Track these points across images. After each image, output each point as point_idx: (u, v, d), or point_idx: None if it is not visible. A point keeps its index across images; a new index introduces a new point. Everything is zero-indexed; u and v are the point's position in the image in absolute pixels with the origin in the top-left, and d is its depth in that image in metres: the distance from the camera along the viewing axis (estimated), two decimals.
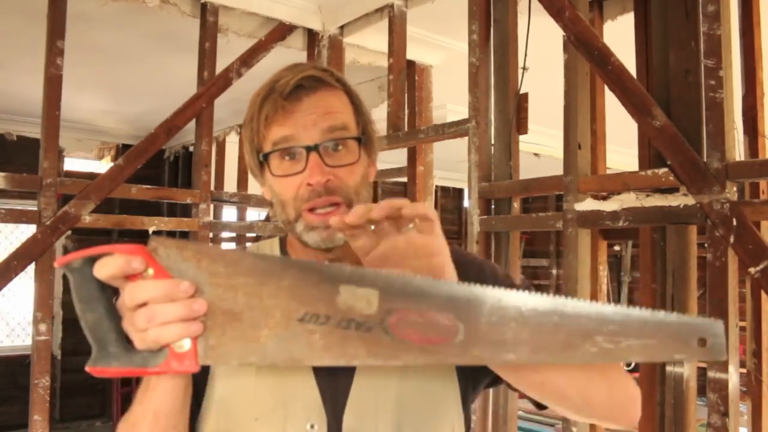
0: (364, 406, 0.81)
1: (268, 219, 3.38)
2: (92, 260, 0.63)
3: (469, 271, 0.81)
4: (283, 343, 0.63)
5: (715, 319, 0.59)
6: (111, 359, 0.64)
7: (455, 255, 0.74)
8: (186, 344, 0.63)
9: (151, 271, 0.63)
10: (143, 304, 0.63)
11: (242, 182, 4.25)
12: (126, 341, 0.65)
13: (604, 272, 2.20)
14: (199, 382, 0.82)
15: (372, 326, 0.62)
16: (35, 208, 2.34)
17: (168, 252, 0.63)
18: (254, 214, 4.39)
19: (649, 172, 1.74)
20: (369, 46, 3.13)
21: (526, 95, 2.17)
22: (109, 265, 0.62)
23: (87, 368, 0.66)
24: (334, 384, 0.82)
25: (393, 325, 0.62)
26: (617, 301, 8.30)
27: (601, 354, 0.59)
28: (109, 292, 0.65)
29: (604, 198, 1.85)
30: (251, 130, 0.85)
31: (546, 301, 0.61)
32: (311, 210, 0.82)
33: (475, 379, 0.88)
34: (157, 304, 0.62)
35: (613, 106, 1.97)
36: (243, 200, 3.29)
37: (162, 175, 6.18)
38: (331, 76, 0.86)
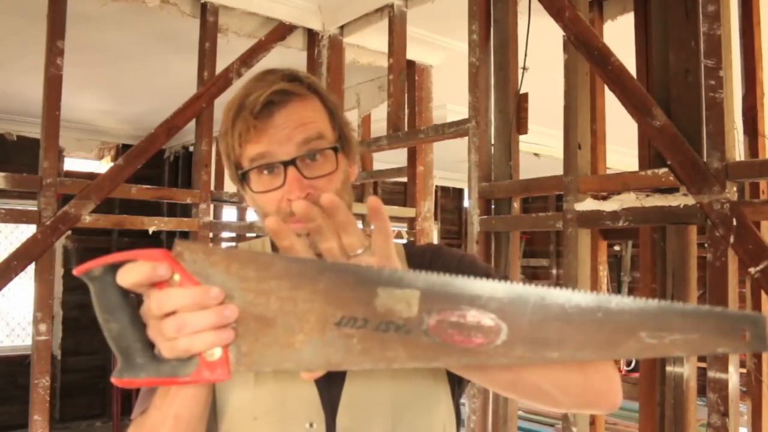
0: (357, 406, 0.81)
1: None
2: (114, 267, 0.61)
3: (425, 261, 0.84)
4: (319, 348, 0.61)
5: (757, 312, 0.59)
6: (138, 370, 0.62)
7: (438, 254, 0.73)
8: (217, 352, 0.61)
9: (177, 277, 0.61)
10: (171, 313, 0.60)
11: None
12: (153, 351, 0.63)
13: (604, 272, 2.20)
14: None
15: (412, 329, 0.60)
16: (35, 208, 2.34)
17: (194, 257, 0.61)
18: (254, 214, 4.38)
19: (649, 172, 1.74)
20: (369, 46, 3.13)
21: (526, 95, 2.17)
22: (134, 272, 0.60)
23: (113, 380, 0.63)
24: (330, 384, 0.82)
25: (434, 327, 0.60)
26: None
27: (645, 349, 0.59)
28: (132, 299, 0.63)
29: (604, 198, 1.85)
30: (227, 146, 0.84)
31: (589, 298, 0.60)
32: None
33: (460, 377, 0.88)
34: (187, 312, 0.60)
35: (613, 106, 1.97)
36: (243, 200, 3.28)
37: (162, 175, 6.18)
38: (301, 85, 0.84)
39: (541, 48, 2.22)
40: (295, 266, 0.62)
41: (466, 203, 7.10)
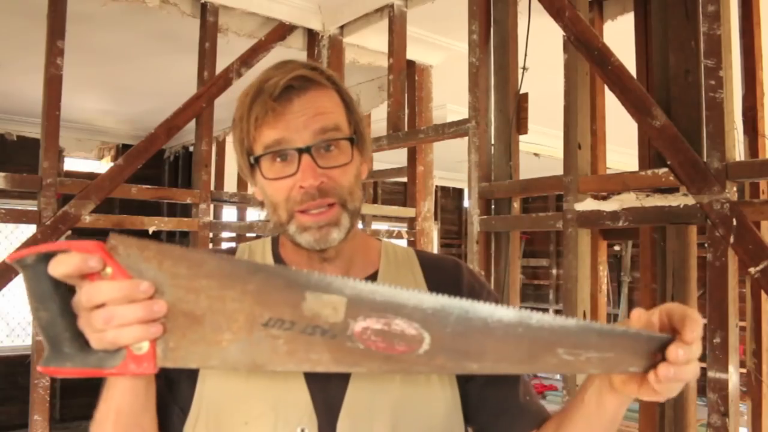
0: (359, 410, 0.80)
1: (268, 219, 3.38)
2: (47, 257, 0.61)
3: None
4: (246, 347, 0.62)
5: (668, 335, 0.62)
6: (65, 359, 0.62)
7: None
8: (144, 346, 0.61)
9: (109, 270, 0.61)
10: (101, 305, 0.61)
11: (242, 182, 4.25)
12: (82, 341, 0.63)
13: (604, 272, 2.20)
14: (180, 381, 0.81)
15: (337, 333, 0.62)
16: (35, 208, 2.35)
17: (128, 251, 0.61)
18: (254, 214, 4.39)
19: (649, 172, 1.74)
20: (369, 46, 3.13)
21: (526, 95, 2.17)
22: (65, 263, 0.60)
23: (39, 368, 0.64)
24: (327, 388, 0.80)
25: (358, 334, 0.62)
26: (617, 301, 8.31)
27: (561, 365, 0.61)
28: (64, 290, 0.63)
29: (604, 198, 1.85)
30: (241, 131, 0.82)
31: (512, 314, 0.62)
32: (303, 211, 0.80)
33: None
34: (116, 305, 0.60)
35: (613, 106, 1.97)
36: (243, 200, 3.29)
37: (162, 175, 6.18)
38: (322, 75, 0.84)
39: (541, 48, 2.22)
40: (226, 266, 0.63)
41: (466, 203, 7.11)
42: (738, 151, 1.73)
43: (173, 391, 0.81)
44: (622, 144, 3.01)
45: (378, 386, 0.81)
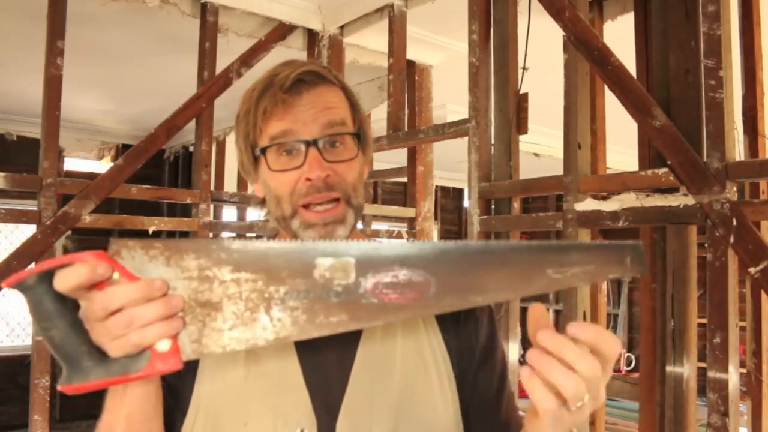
0: (359, 411, 0.79)
1: (268, 219, 3.38)
2: (48, 275, 0.60)
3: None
4: (267, 323, 0.64)
5: (637, 241, 0.67)
6: (87, 374, 0.62)
7: None
8: (167, 343, 0.62)
9: (116, 275, 0.61)
10: (117, 310, 0.60)
11: (242, 182, 4.25)
12: (98, 352, 0.62)
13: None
14: (183, 388, 0.81)
15: (351, 293, 0.65)
16: (35, 208, 2.35)
17: (132, 253, 0.62)
18: (254, 214, 4.39)
19: (649, 172, 1.74)
20: (369, 46, 3.13)
21: (526, 95, 2.17)
22: (73, 276, 0.59)
23: (60, 387, 0.62)
24: (327, 388, 0.80)
25: (371, 290, 0.65)
26: (617, 301, 8.31)
27: (552, 283, 0.67)
28: (70, 304, 0.62)
29: (604, 198, 1.85)
30: (247, 124, 0.82)
31: (501, 244, 0.68)
32: (307, 206, 0.81)
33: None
34: (134, 306, 0.60)
35: (613, 106, 1.97)
36: (243, 200, 3.29)
37: (162, 175, 6.18)
38: (330, 73, 0.85)
39: (541, 48, 2.22)
40: (234, 251, 0.64)
41: (466, 203, 7.11)
42: (738, 151, 1.73)
43: (175, 396, 0.81)
44: (622, 144, 3.01)
45: (377, 386, 0.81)
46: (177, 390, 0.81)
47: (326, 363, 0.81)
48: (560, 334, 0.62)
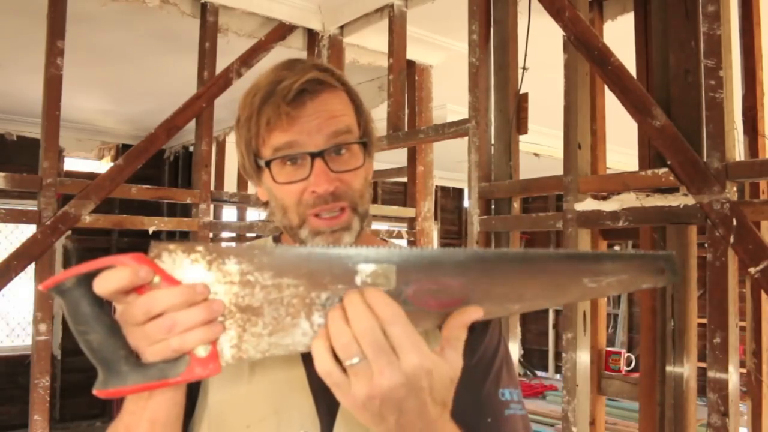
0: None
1: (268, 219, 3.38)
2: (87, 277, 0.59)
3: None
4: (308, 329, 0.63)
5: (669, 252, 0.69)
6: (125, 378, 0.61)
7: None
8: (206, 348, 0.61)
9: (157, 279, 0.60)
10: (158, 315, 0.59)
11: (242, 182, 4.25)
12: (135, 357, 0.62)
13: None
14: (193, 388, 0.80)
15: (392, 299, 0.64)
16: (35, 208, 2.34)
17: (173, 257, 0.61)
18: (254, 214, 4.39)
19: (649, 172, 1.74)
20: (369, 46, 3.13)
21: (526, 95, 2.17)
22: (114, 279, 0.58)
23: (96, 392, 0.61)
24: (328, 391, 0.80)
25: (412, 296, 0.65)
26: (618, 301, 8.31)
27: (587, 293, 0.68)
28: (108, 308, 0.62)
29: (604, 198, 1.85)
30: (248, 131, 0.80)
31: (540, 254, 0.68)
32: (316, 215, 0.80)
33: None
34: (176, 311, 0.59)
35: (613, 106, 1.97)
36: (243, 200, 3.29)
37: (162, 175, 6.18)
38: (333, 76, 0.83)
39: (541, 48, 2.22)
40: (277, 256, 0.64)
41: (466, 203, 7.10)
42: (738, 151, 1.73)
43: (193, 400, 0.81)
44: (622, 144, 3.01)
45: None
46: (190, 389, 0.80)
47: None
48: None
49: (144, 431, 0.70)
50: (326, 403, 0.79)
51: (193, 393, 0.81)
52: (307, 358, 0.80)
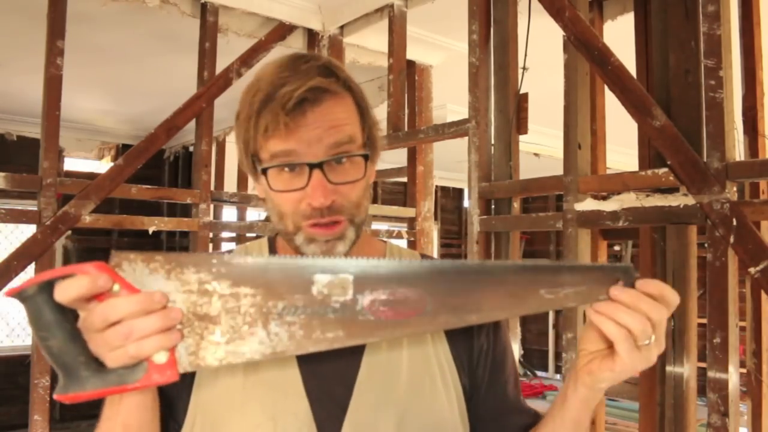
0: (364, 419, 0.79)
1: (268, 219, 3.38)
2: (49, 285, 0.61)
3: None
4: (264, 338, 0.65)
5: (628, 264, 0.70)
6: (84, 383, 0.62)
7: None
8: (165, 355, 0.63)
9: (117, 287, 0.62)
10: (116, 322, 0.61)
11: (242, 182, 4.25)
12: (96, 363, 0.63)
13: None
14: (179, 398, 0.80)
15: (348, 310, 0.66)
16: (35, 208, 2.34)
17: (133, 266, 0.63)
18: (254, 214, 4.39)
19: (649, 172, 1.74)
20: (369, 46, 3.13)
21: (526, 95, 2.17)
22: (74, 287, 0.60)
23: (56, 397, 0.63)
24: (328, 397, 0.79)
25: (368, 307, 0.66)
26: None
27: (545, 304, 0.69)
28: (69, 315, 0.63)
29: (604, 198, 1.85)
30: (246, 132, 0.78)
31: (495, 264, 0.71)
32: (312, 224, 0.78)
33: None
34: (133, 318, 0.61)
35: (613, 106, 1.97)
36: (243, 200, 3.29)
37: (162, 175, 6.18)
38: (338, 81, 0.79)
39: (541, 48, 2.22)
40: (235, 266, 0.66)
41: (466, 203, 7.10)
42: (738, 151, 1.73)
43: (171, 407, 0.80)
44: (622, 144, 3.01)
45: (382, 395, 0.80)
46: (172, 400, 0.80)
47: (327, 372, 0.80)
48: (630, 289, 0.68)
49: None
50: (326, 409, 0.78)
51: (178, 403, 0.80)
52: (302, 363, 0.79)
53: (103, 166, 5.95)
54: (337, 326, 0.66)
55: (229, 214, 4.69)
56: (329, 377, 0.80)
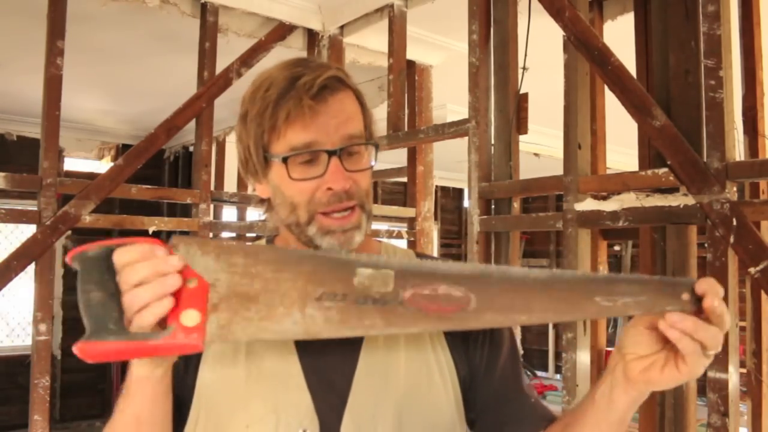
0: (363, 411, 0.80)
1: (267, 219, 3.37)
2: (110, 250, 0.65)
3: None
4: (299, 319, 0.67)
5: (692, 278, 0.70)
6: (108, 335, 0.64)
7: None
8: (195, 317, 0.65)
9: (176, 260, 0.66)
10: (137, 285, 0.64)
11: (242, 182, 4.25)
12: (124, 324, 0.65)
13: (604, 272, 2.20)
14: (184, 391, 0.81)
15: (388, 301, 0.67)
16: (35, 208, 2.34)
17: (188, 248, 0.66)
18: (254, 214, 4.39)
19: (649, 172, 1.74)
20: (369, 46, 3.13)
21: (526, 95, 2.17)
22: (134, 251, 0.65)
23: (76, 347, 0.63)
24: (329, 389, 0.80)
25: (408, 300, 0.67)
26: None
27: (602, 310, 0.68)
28: (115, 286, 0.66)
29: (604, 198, 1.85)
30: (260, 125, 0.80)
31: (544, 273, 0.70)
32: (325, 213, 0.80)
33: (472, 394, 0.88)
34: (150, 281, 0.64)
35: (613, 106, 1.97)
36: (243, 200, 3.29)
37: (162, 175, 6.18)
38: (347, 77, 0.85)
39: (541, 48, 2.22)
40: (280, 254, 0.69)
41: (466, 203, 7.10)
42: (738, 151, 1.73)
43: (181, 410, 0.81)
44: (622, 144, 3.01)
45: (382, 388, 0.81)
46: (185, 400, 0.81)
47: (327, 365, 0.81)
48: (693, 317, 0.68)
49: (131, 429, 0.73)
50: (326, 401, 0.80)
51: (184, 396, 0.81)
52: (303, 358, 0.81)
53: (103, 166, 5.95)
54: (375, 315, 0.67)
55: (229, 214, 4.69)
56: (329, 370, 0.81)
